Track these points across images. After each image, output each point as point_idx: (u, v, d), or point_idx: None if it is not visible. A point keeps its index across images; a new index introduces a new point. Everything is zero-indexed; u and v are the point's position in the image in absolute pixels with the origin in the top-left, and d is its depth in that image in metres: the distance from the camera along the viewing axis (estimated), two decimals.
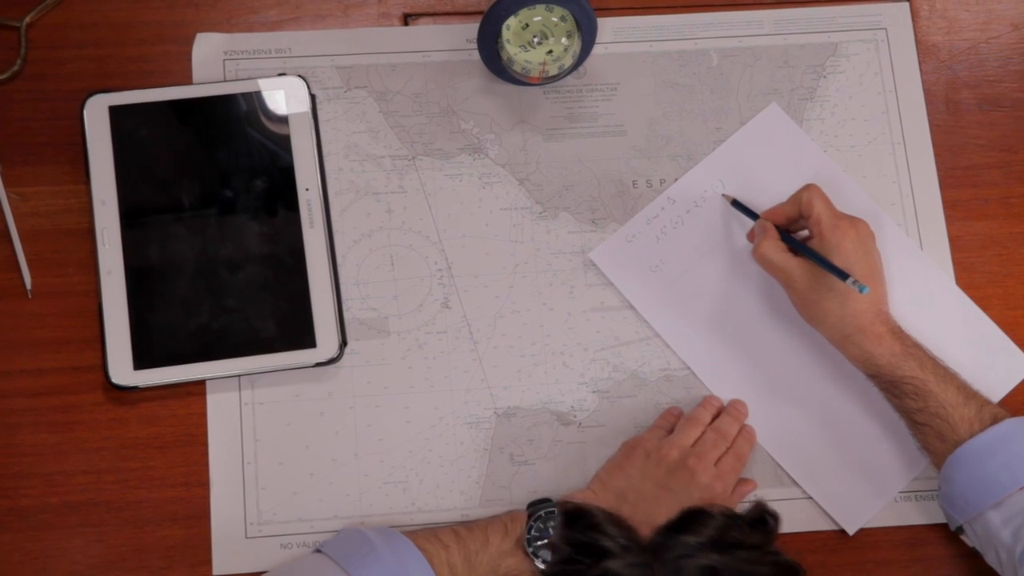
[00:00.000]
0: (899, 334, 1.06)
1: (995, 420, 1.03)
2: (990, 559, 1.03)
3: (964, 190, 1.20)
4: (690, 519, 0.72)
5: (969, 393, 1.05)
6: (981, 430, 1.02)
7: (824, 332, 1.07)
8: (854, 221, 1.07)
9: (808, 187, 1.08)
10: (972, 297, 1.16)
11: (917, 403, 1.04)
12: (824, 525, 1.11)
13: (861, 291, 1.01)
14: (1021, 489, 0.99)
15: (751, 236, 1.14)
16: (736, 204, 1.15)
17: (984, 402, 1.04)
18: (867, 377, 1.08)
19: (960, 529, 1.06)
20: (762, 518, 0.74)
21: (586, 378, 1.13)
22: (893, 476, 1.11)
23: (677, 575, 0.69)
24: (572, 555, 0.71)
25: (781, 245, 1.08)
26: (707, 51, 1.22)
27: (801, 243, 1.08)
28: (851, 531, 1.11)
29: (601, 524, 0.72)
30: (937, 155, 1.20)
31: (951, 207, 1.19)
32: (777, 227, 1.10)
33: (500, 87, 1.19)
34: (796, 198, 1.09)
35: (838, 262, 1.04)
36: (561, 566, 0.72)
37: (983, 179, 1.20)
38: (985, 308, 1.16)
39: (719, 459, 1.06)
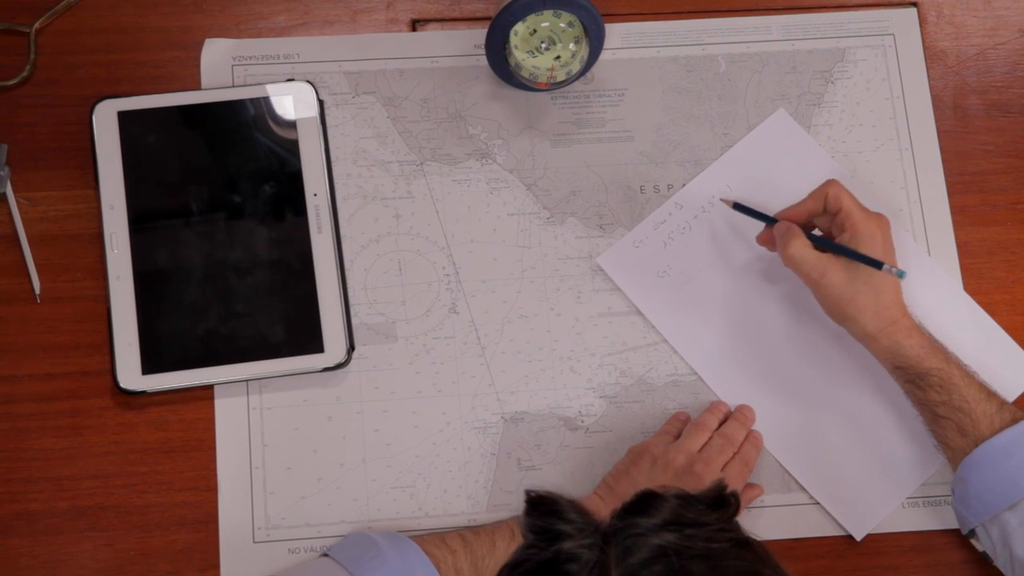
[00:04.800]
0: (924, 329, 1.07)
1: (1014, 419, 1.03)
2: (1001, 562, 1.02)
3: (972, 196, 1.20)
4: (645, 502, 0.72)
5: (989, 391, 1.05)
6: (1001, 427, 1.02)
7: (856, 328, 1.06)
8: (878, 215, 1.07)
9: (831, 183, 1.08)
10: (980, 303, 1.16)
11: (941, 396, 1.04)
12: (831, 531, 1.11)
13: (900, 276, 1.02)
14: None
15: (763, 239, 1.13)
16: (739, 207, 1.14)
17: (1003, 401, 1.05)
18: (891, 370, 1.07)
19: (972, 533, 1.06)
20: (720, 498, 0.74)
21: (593, 383, 1.13)
22: (901, 481, 1.11)
23: (628, 554, 0.69)
24: (534, 542, 0.72)
25: (809, 243, 1.07)
26: (715, 57, 1.22)
27: (826, 239, 1.07)
28: (859, 536, 1.10)
29: (561, 510, 0.72)
30: (945, 161, 1.20)
31: (959, 213, 1.19)
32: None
33: (508, 93, 1.19)
34: (819, 194, 1.08)
35: (872, 253, 1.04)
36: (522, 552, 0.72)
37: (991, 185, 1.20)
38: (993, 314, 1.16)
39: (726, 464, 1.06)
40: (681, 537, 0.70)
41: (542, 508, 0.72)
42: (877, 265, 1.04)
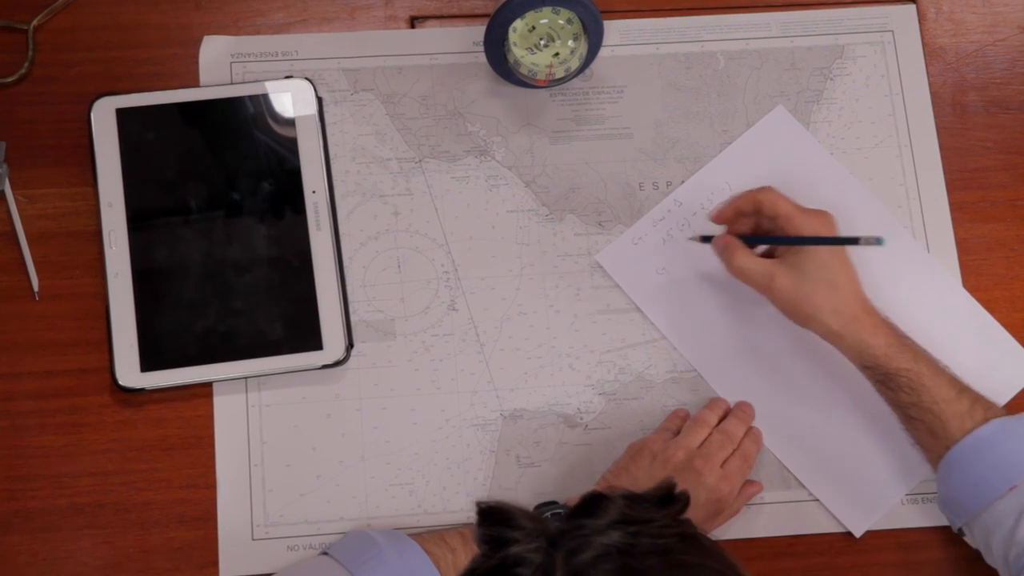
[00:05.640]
0: (892, 325, 1.06)
1: (985, 417, 1.02)
2: (989, 560, 1.02)
3: (971, 192, 1.19)
4: (592, 503, 0.73)
5: (961, 387, 1.04)
6: (972, 427, 1.02)
7: (818, 328, 1.06)
8: (821, 212, 1.07)
9: (765, 189, 1.07)
10: (979, 300, 1.16)
11: (911, 397, 1.04)
12: (830, 527, 1.11)
13: (879, 243, 1.00)
14: (1011, 490, 0.99)
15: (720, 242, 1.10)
16: (705, 239, 1.12)
17: (975, 397, 1.04)
18: (861, 369, 1.07)
19: (961, 531, 1.06)
20: (668, 496, 0.75)
21: (592, 380, 1.13)
22: (900, 478, 1.11)
23: (574, 554, 0.70)
24: (485, 551, 0.73)
25: (751, 253, 1.07)
26: (714, 54, 1.22)
27: (785, 237, 1.06)
28: (858, 533, 1.10)
29: (511, 518, 0.72)
30: (944, 157, 1.20)
31: (958, 209, 1.19)
32: (744, 236, 1.09)
33: (506, 90, 1.19)
34: (750, 195, 1.07)
35: (814, 256, 1.04)
36: (473, 561, 0.73)
37: (990, 181, 1.20)
38: (992, 311, 1.16)
39: (725, 461, 1.06)
40: (626, 535, 0.70)
41: (492, 518, 0.73)
42: (853, 241, 1.02)
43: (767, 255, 1.09)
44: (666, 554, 0.70)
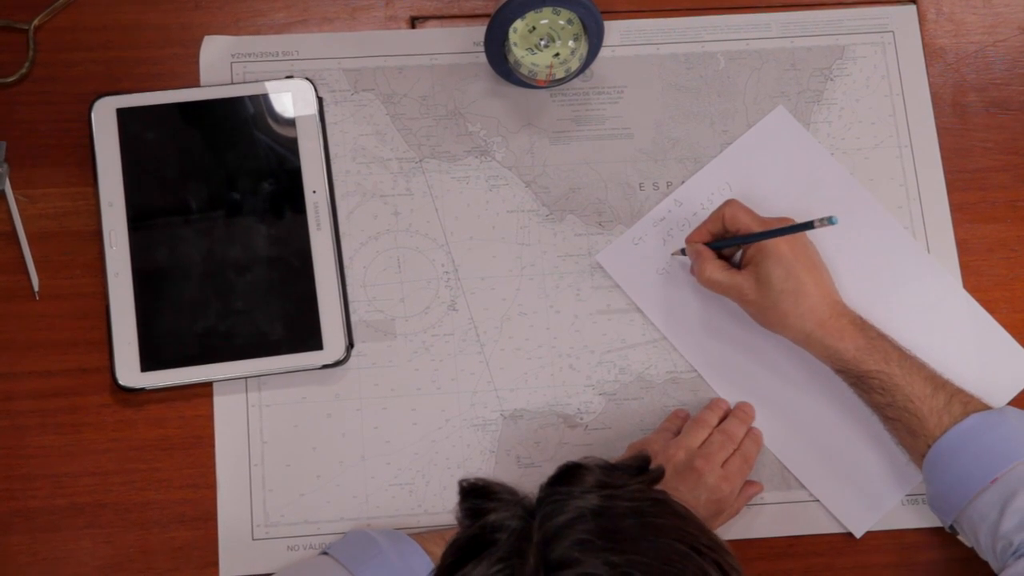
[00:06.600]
0: (861, 326, 1.06)
1: (964, 411, 1.02)
2: (982, 555, 1.02)
3: (971, 193, 1.19)
4: (569, 472, 0.75)
5: (937, 383, 1.04)
6: (951, 423, 1.02)
7: (787, 335, 1.07)
8: (781, 220, 1.07)
9: (729, 203, 1.08)
10: (979, 300, 1.16)
11: (885, 398, 1.04)
12: (831, 528, 1.11)
13: (832, 222, 0.99)
14: (993, 482, 0.99)
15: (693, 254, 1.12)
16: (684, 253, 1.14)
17: (953, 392, 1.04)
18: (836, 373, 1.07)
19: (953, 529, 1.06)
20: (644, 466, 0.77)
21: (592, 380, 1.13)
22: (900, 479, 1.11)
23: (550, 518, 0.71)
24: (467, 524, 0.74)
25: (722, 264, 1.08)
26: (714, 54, 1.22)
27: (744, 237, 1.07)
28: (858, 534, 1.10)
29: (492, 492, 0.74)
30: (944, 158, 1.20)
31: (958, 210, 1.19)
32: (710, 243, 1.10)
33: (507, 90, 1.19)
34: (718, 215, 1.09)
35: (779, 263, 1.05)
36: (458, 534, 0.75)
37: (990, 182, 1.20)
38: (992, 311, 1.16)
39: (726, 461, 1.06)
40: (601, 499, 0.72)
41: (474, 493, 0.74)
42: (809, 226, 1.02)
43: (736, 267, 1.09)
44: (640, 516, 0.72)
